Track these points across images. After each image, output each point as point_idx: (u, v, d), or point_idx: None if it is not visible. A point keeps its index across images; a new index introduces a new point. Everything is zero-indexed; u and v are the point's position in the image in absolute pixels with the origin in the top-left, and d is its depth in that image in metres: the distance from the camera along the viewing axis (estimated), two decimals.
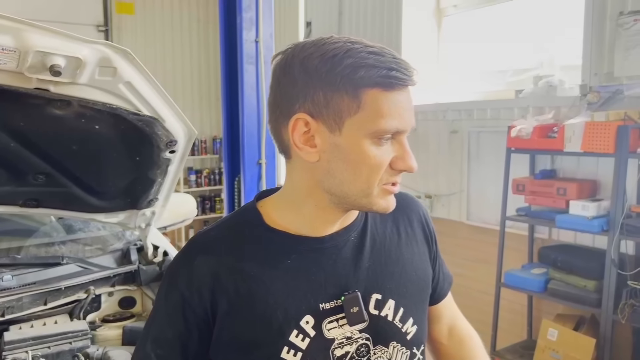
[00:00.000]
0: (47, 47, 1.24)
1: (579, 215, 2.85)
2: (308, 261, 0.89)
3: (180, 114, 1.60)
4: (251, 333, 0.86)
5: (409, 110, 0.83)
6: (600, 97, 2.95)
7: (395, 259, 0.95)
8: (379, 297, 0.91)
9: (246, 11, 3.01)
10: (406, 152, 0.84)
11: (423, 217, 1.04)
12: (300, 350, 0.85)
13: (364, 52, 0.81)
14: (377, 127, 0.80)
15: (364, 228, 0.95)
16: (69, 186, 1.75)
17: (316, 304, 0.87)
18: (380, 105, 0.80)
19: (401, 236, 0.98)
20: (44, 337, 1.66)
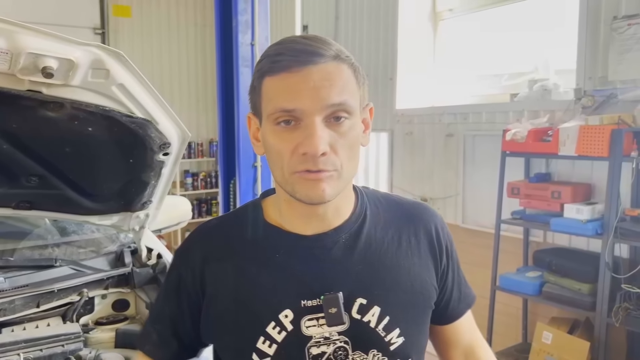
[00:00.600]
0: (39, 49, 1.24)
1: (574, 219, 2.86)
2: (296, 258, 0.90)
3: (173, 116, 1.60)
4: (232, 317, 0.90)
5: (307, 90, 0.79)
6: (595, 101, 2.97)
7: (389, 266, 0.91)
8: (363, 302, 0.88)
9: (242, 14, 3.02)
10: (309, 133, 0.79)
11: (434, 229, 0.97)
12: (275, 342, 0.87)
13: (273, 46, 0.86)
14: (268, 111, 0.82)
15: (359, 230, 0.92)
16: (63, 188, 1.75)
17: (298, 300, 0.87)
18: (268, 90, 0.83)
19: (402, 244, 0.94)
20: (36, 340, 1.66)
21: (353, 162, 0.85)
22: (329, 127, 0.81)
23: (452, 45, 4.37)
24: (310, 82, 0.79)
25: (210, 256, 0.93)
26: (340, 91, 0.80)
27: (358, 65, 0.86)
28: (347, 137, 0.82)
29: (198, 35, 6.61)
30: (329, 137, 0.81)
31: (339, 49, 0.84)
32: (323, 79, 0.80)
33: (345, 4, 4.83)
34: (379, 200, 0.99)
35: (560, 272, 3.00)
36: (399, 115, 4.38)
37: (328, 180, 0.82)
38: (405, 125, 4.34)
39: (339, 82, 0.81)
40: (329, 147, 0.80)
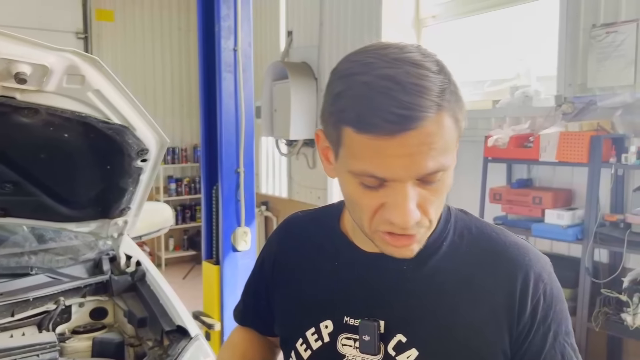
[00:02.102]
0: (12, 54, 1.23)
1: (554, 224, 2.88)
2: (351, 272, 0.86)
3: (151, 122, 1.59)
4: (286, 309, 0.94)
5: (401, 158, 0.66)
6: (575, 108, 3.00)
7: (447, 310, 0.79)
8: (402, 340, 0.80)
9: (224, 20, 3.01)
10: (395, 202, 0.69)
11: (520, 279, 0.78)
12: (310, 349, 0.87)
13: (361, 75, 0.69)
14: (351, 168, 0.71)
15: (426, 260, 0.81)
16: (38, 195, 1.73)
17: (341, 314, 0.84)
18: (352, 144, 0.69)
19: (472, 288, 0.79)
20: (10, 350, 1.63)
21: (442, 205, 0.77)
22: (421, 185, 0.70)
23: (435, 52, 4.39)
24: (406, 148, 0.66)
25: (286, 246, 0.97)
26: (438, 154, 0.68)
27: (457, 97, 0.71)
28: (439, 193, 0.72)
29: (182, 39, 6.58)
30: (419, 198, 0.70)
31: (441, 87, 0.68)
32: (421, 144, 0.66)
33: (330, 10, 4.85)
34: (469, 230, 0.84)
35: None
36: None
37: (418, 240, 0.74)
38: None
39: (439, 143, 0.67)
40: (419, 209, 0.70)
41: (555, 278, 0.82)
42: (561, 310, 0.81)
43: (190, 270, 6.03)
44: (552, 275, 0.82)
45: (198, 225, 6.60)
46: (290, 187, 5.60)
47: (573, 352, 0.81)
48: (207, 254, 3.31)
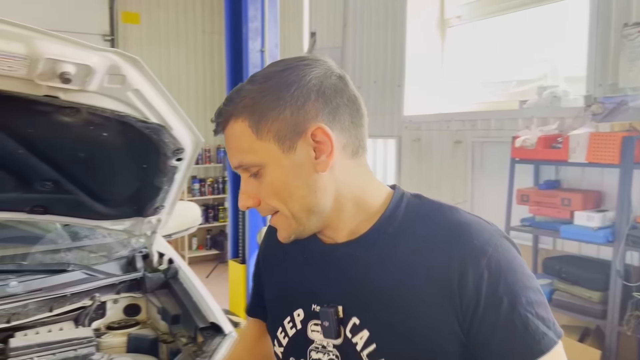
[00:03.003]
0: (57, 54, 1.26)
1: (584, 226, 2.84)
2: (314, 263, 0.93)
3: (187, 121, 1.62)
4: (270, 300, 1.03)
5: (227, 151, 0.87)
6: (605, 108, 2.95)
7: (394, 292, 0.82)
8: (356, 322, 0.85)
9: (252, 21, 3.04)
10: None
11: (460, 259, 0.79)
12: (287, 336, 0.94)
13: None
14: None
15: (372, 246, 0.86)
16: (76, 193, 1.76)
17: (310, 303, 0.91)
18: None
19: (418, 272, 0.81)
20: (49, 344, 1.67)
21: (289, 202, 0.84)
22: (252, 179, 0.85)
23: (459, 52, 4.38)
24: (226, 145, 0.87)
25: (270, 242, 1.04)
26: (238, 152, 0.84)
27: (260, 107, 0.82)
28: (265, 186, 0.84)
29: (206, 42, 6.64)
30: (251, 188, 0.85)
31: (242, 97, 0.84)
32: (228, 143, 0.86)
33: (353, 11, 4.85)
34: (419, 213, 0.87)
35: (570, 279, 2.98)
36: (407, 122, 4.38)
37: (277, 224, 0.88)
38: (413, 131, 4.34)
39: (232, 144, 0.85)
40: (254, 199, 0.85)
41: (506, 249, 0.80)
42: (514, 281, 0.78)
43: (213, 269, 6.09)
44: (500, 247, 0.80)
45: (221, 225, 6.65)
46: None
47: (541, 321, 0.77)
48: (233, 253, 3.34)
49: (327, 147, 0.82)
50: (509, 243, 0.82)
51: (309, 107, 0.81)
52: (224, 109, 0.85)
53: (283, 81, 0.82)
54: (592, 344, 2.90)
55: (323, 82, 0.83)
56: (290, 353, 0.93)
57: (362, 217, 0.87)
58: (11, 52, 1.20)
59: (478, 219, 0.85)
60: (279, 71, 0.83)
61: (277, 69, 0.84)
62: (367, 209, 0.88)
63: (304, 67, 0.83)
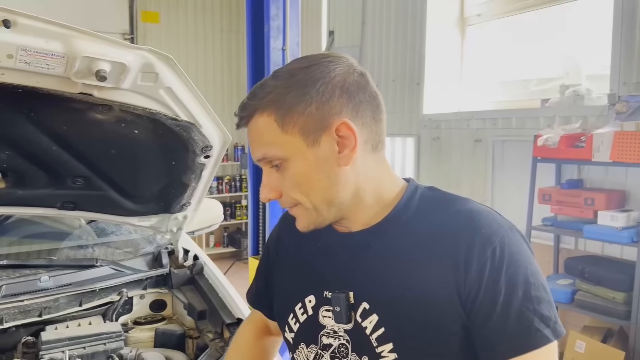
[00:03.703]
0: (94, 52, 1.27)
1: (608, 226, 2.82)
2: (327, 251, 0.96)
3: (216, 119, 1.63)
4: (281, 287, 1.05)
5: (250, 144, 0.90)
6: (629, 107, 2.92)
7: (402, 277, 0.85)
8: (366, 307, 0.88)
9: (273, 20, 3.05)
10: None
11: (467, 245, 0.81)
12: (299, 322, 0.97)
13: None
14: None
15: (385, 234, 0.89)
16: (106, 189, 1.78)
17: (321, 289, 0.93)
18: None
19: (425, 254, 0.84)
20: (79, 338, 1.69)
21: (311, 194, 0.87)
22: (275, 171, 0.88)
23: (479, 51, 4.35)
24: (248, 138, 0.90)
25: (284, 231, 1.07)
26: (258, 146, 0.87)
27: (285, 102, 0.84)
28: (288, 178, 0.86)
29: (224, 41, 6.68)
30: (273, 180, 0.88)
31: (267, 92, 0.85)
32: (249, 137, 0.89)
33: (372, 9, 4.84)
34: (432, 204, 0.90)
35: (593, 280, 2.96)
36: (426, 120, 4.37)
37: (297, 215, 0.91)
38: (433, 130, 4.33)
39: (255, 137, 0.87)
40: (276, 191, 0.89)
41: (514, 242, 0.82)
42: (516, 273, 0.80)
43: (230, 266, 6.11)
44: (508, 239, 0.82)
45: (238, 222, 6.69)
46: None
47: (538, 317, 0.79)
48: (253, 250, 3.36)
49: (351, 141, 0.85)
50: (519, 236, 0.84)
51: (334, 102, 0.84)
52: (249, 103, 0.87)
53: (308, 77, 0.84)
54: (616, 345, 2.87)
55: (346, 79, 0.85)
56: (301, 338, 0.96)
57: (377, 208, 0.91)
58: (50, 50, 1.22)
59: (490, 209, 0.88)
60: (303, 67, 0.85)
61: (301, 65, 0.86)
62: (383, 200, 0.91)
63: (327, 64, 0.85)
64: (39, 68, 1.25)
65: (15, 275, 1.83)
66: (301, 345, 0.96)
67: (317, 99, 0.83)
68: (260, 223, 3.32)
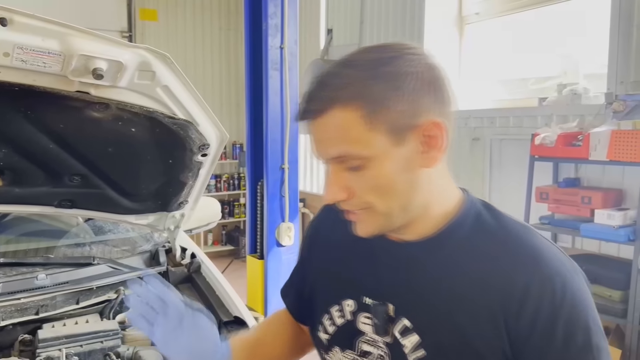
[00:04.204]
0: (91, 50, 1.28)
1: (605, 225, 2.83)
2: (374, 255, 0.90)
3: (213, 118, 1.63)
4: (316, 284, 1.00)
5: (315, 142, 0.80)
6: (626, 106, 2.93)
7: (449, 302, 0.80)
8: (407, 325, 0.83)
9: (272, 18, 3.05)
10: (326, 183, 0.81)
11: (524, 283, 0.75)
12: (334, 324, 0.93)
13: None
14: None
15: (440, 250, 0.83)
16: (103, 188, 1.79)
17: (361, 295, 0.89)
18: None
19: (477, 283, 0.79)
20: (76, 336, 1.68)
21: (388, 198, 0.79)
22: (348, 170, 0.78)
23: (477, 49, 4.36)
24: (315, 134, 0.79)
25: (324, 226, 1.02)
26: (336, 143, 0.77)
27: (372, 93, 0.74)
28: (367, 179, 0.78)
29: (223, 39, 6.67)
30: (344, 181, 0.79)
31: (345, 82, 0.75)
32: (320, 132, 0.78)
33: (371, 8, 4.84)
34: (488, 225, 0.83)
35: (589, 278, 2.89)
36: None
37: (361, 218, 0.82)
38: None
39: (333, 134, 0.76)
40: (348, 192, 0.79)
41: (576, 285, 0.77)
42: (576, 318, 0.75)
43: (228, 265, 6.12)
44: (570, 281, 0.76)
45: (236, 220, 6.69)
46: None
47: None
48: (251, 248, 3.36)
49: (439, 141, 0.78)
50: (582, 278, 0.79)
51: (425, 99, 0.77)
52: (322, 94, 0.77)
53: (397, 69, 0.75)
54: (612, 343, 2.88)
55: (433, 74, 0.79)
56: (336, 342, 0.93)
57: (436, 219, 0.84)
58: (46, 48, 1.22)
59: (552, 245, 0.82)
60: (388, 58, 0.77)
61: (382, 55, 0.77)
62: (443, 211, 0.84)
63: (412, 57, 0.77)
64: (35, 66, 1.25)
65: (12, 274, 1.83)
66: (335, 348, 0.93)
67: (409, 95, 0.75)
68: (258, 221, 3.33)
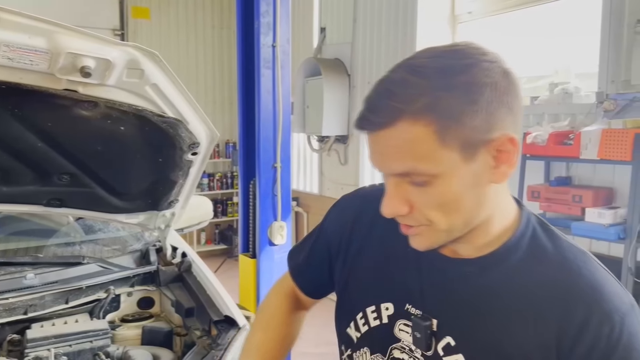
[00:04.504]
0: (78, 48, 1.27)
1: (595, 223, 2.84)
2: (421, 262, 0.85)
3: (203, 116, 1.63)
4: (356, 277, 0.94)
5: (376, 153, 0.74)
6: (617, 105, 2.94)
7: (499, 328, 0.77)
8: (451, 343, 0.80)
9: (264, 16, 3.03)
10: (385, 194, 0.76)
11: (581, 319, 0.73)
12: (368, 325, 0.89)
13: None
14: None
15: (487, 272, 0.80)
16: (93, 187, 1.78)
17: (403, 301, 0.86)
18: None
19: (530, 312, 0.76)
20: (65, 336, 1.68)
21: (453, 215, 0.74)
22: (412, 184, 0.73)
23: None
24: (377, 146, 0.73)
25: (363, 216, 0.95)
26: (402, 158, 0.71)
27: (445, 107, 0.69)
28: (432, 196, 0.73)
29: (215, 37, 6.66)
30: (406, 194, 0.74)
31: (415, 93, 0.69)
32: (385, 146, 0.72)
33: (364, 7, 4.84)
34: (545, 249, 0.80)
35: None
36: None
37: (419, 233, 0.77)
38: None
39: (400, 148, 0.70)
40: (409, 206, 0.74)
41: (633, 324, 0.73)
42: (629, 357, 0.72)
43: (221, 264, 6.11)
44: (628, 318, 0.73)
45: (229, 219, 6.68)
46: (321, 183, 5.62)
47: None
48: (243, 247, 3.35)
49: (512, 157, 0.73)
50: (638, 315, 0.76)
51: (500, 111, 0.71)
52: (389, 104, 0.70)
53: (473, 80, 0.70)
54: None
55: (508, 85, 0.72)
56: (367, 343, 0.90)
57: (494, 234, 0.80)
58: (33, 46, 1.22)
59: (609, 275, 0.79)
60: (463, 65, 0.71)
61: (454, 62, 0.71)
62: (501, 227, 0.80)
63: (487, 64, 0.72)
64: (22, 64, 1.24)
65: (0, 273, 1.82)
66: (364, 349, 0.90)
67: (485, 109, 0.69)
68: (250, 220, 3.32)
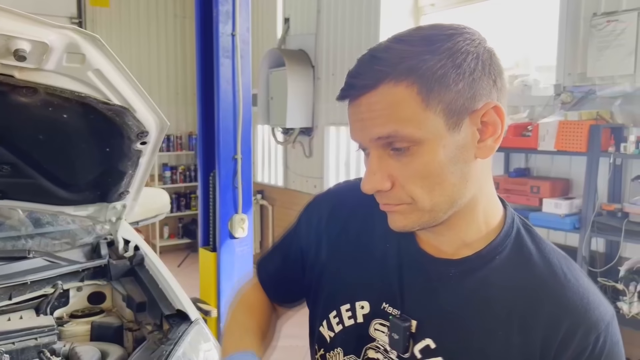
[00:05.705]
0: (11, 30, 1.20)
1: (552, 214, 2.89)
2: (400, 260, 0.82)
3: (151, 104, 1.57)
4: (327, 277, 0.90)
5: (358, 122, 0.71)
6: (574, 97, 2.99)
7: (481, 331, 0.75)
8: (431, 345, 0.77)
9: (222, 4, 2.97)
10: (366, 169, 0.73)
11: (567, 327, 0.72)
12: (342, 324, 0.86)
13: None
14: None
15: (475, 272, 0.77)
16: (36, 177, 1.70)
17: (380, 300, 0.82)
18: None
19: (514, 317, 0.74)
20: (8, 333, 1.61)
21: (436, 191, 0.71)
22: (394, 157, 0.71)
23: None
24: (359, 113, 0.71)
25: (337, 214, 0.91)
26: (385, 121, 0.69)
27: (429, 69, 0.68)
28: (415, 167, 0.70)
29: (177, 26, 6.52)
30: (390, 169, 0.71)
31: (400, 57, 0.68)
32: (368, 110, 0.70)
33: None
34: (529, 252, 0.78)
35: None
36: None
37: (401, 212, 0.74)
38: None
39: (383, 111, 0.69)
40: (391, 181, 0.72)
41: (615, 332, 0.75)
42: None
43: (185, 258, 6.02)
44: (612, 328, 0.74)
45: (193, 213, 6.58)
46: (286, 176, 5.59)
47: None
48: (203, 241, 3.29)
49: (497, 129, 0.71)
50: (617, 324, 0.77)
51: (484, 81, 0.70)
52: (374, 68, 0.69)
53: (457, 47, 0.69)
54: None
55: (492, 59, 0.72)
56: (340, 343, 0.86)
57: (476, 229, 0.77)
58: None
59: (592, 284, 0.78)
60: (444, 35, 0.70)
61: (438, 32, 0.71)
62: (484, 219, 0.78)
63: (470, 35, 0.71)
64: None
65: None
66: (338, 349, 0.86)
67: (469, 74, 0.68)
68: (210, 213, 3.26)
